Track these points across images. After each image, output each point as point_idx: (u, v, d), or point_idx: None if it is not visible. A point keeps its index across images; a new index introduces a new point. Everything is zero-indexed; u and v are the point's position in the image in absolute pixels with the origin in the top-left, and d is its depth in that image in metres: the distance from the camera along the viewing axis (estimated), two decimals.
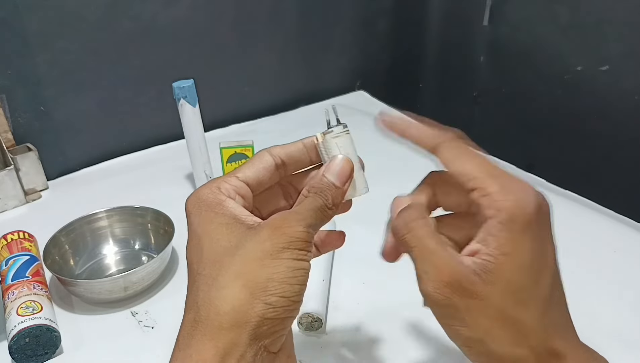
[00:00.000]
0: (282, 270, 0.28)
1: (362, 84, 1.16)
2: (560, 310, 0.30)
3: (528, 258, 0.28)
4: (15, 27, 0.74)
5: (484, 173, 0.30)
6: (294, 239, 0.29)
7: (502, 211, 0.28)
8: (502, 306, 0.28)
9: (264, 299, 0.28)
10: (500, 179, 0.29)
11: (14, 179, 0.75)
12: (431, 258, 0.29)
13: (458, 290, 0.28)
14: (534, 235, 0.28)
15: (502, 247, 0.28)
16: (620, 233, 0.64)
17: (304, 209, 0.31)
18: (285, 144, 0.36)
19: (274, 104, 1.04)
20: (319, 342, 0.49)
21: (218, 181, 0.33)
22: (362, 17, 1.10)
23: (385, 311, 0.52)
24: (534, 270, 0.28)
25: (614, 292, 0.54)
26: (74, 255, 0.62)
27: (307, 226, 0.30)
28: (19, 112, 0.79)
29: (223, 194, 0.32)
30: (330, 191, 0.33)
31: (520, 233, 0.28)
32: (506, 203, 0.28)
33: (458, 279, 0.28)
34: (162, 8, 0.85)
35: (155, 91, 0.88)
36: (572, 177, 0.76)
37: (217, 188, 0.32)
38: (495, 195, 0.28)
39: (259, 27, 0.97)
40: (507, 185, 0.29)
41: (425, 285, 0.29)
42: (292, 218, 0.30)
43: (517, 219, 0.28)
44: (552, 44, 0.86)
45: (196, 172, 0.74)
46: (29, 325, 0.48)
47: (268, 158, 0.35)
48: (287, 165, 0.36)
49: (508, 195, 0.28)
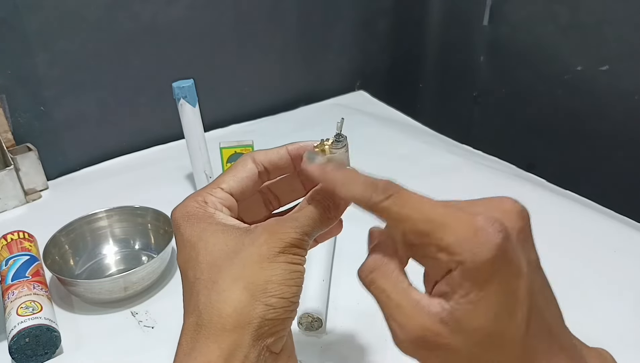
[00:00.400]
0: (279, 272, 0.29)
1: (362, 84, 1.16)
2: (543, 333, 0.29)
3: (495, 303, 0.26)
4: (15, 27, 0.74)
5: (431, 225, 0.27)
6: (288, 244, 0.30)
7: (462, 264, 0.26)
8: (473, 353, 0.27)
9: (264, 300, 0.28)
10: (451, 226, 0.27)
11: (14, 179, 0.75)
12: (396, 314, 0.28)
13: (424, 345, 0.27)
14: (500, 278, 0.26)
15: (468, 296, 0.26)
16: (620, 233, 0.64)
17: (303, 217, 0.31)
18: (268, 150, 0.36)
19: (274, 104, 1.04)
20: (319, 342, 0.49)
21: (203, 193, 0.33)
22: (362, 17, 1.10)
23: None
24: (504, 313, 0.27)
25: (614, 292, 0.54)
26: (74, 255, 0.62)
27: (302, 234, 0.30)
28: (19, 112, 0.79)
29: (210, 208, 0.32)
30: (333, 201, 0.33)
31: (485, 281, 0.26)
32: (464, 256, 0.26)
33: (423, 335, 0.27)
34: (162, 8, 0.85)
35: (155, 91, 0.88)
36: (572, 177, 0.76)
37: (203, 201, 0.32)
38: (450, 249, 0.26)
39: (259, 27, 0.97)
40: (459, 232, 0.26)
41: (395, 342, 0.29)
42: (289, 225, 0.30)
43: (478, 270, 0.26)
44: (552, 44, 0.86)
45: (196, 172, 0.74)
46: (29, 325, 0.48)
47: (251, 166, 0.35)
48: (270, 172, 0.36)
49: (463, 246, 0.26)
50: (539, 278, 0.29)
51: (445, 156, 0.84)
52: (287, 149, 0.36)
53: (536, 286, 0.28)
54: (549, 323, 0.29)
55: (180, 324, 0.30)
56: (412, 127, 0.98)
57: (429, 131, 0.96)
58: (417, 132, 0.95)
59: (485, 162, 0.83)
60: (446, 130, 0.95)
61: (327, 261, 0.58)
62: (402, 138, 0.90)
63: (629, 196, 0.77)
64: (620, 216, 0.67)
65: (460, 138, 0.91)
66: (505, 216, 0.27)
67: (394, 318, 0.28)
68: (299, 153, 0.36)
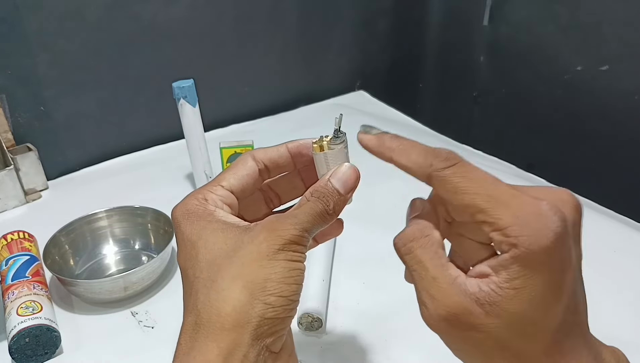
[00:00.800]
0: (278, 270, 0.28)
1: (362, 84, 1.16)
2: (574, 327, 0.28)
3: (540, 292, 0.26)
4: (15, 27, 0.74)
5: (492, 203, 0.26)
6: (288, 241, 0.29)
7: (516, 248, 0.25)
8: (502, 337, 0.27)
9: (263, 299, 0.28)
10: (512, 206, 0.26)
11: (14, 179, 0.75)
12: (430, 287, 0.28)
13: (455, 324, 0.27)
14: (551, 268, 0.26)
15: (513, 281, 0.26)
16: (620, 233, 0.64)
17: (302, 213, 0.31)
18: (268, 148, 0.36)
19: (274, 104, 1.04)
20: (319, 342, 0.49)
21: (203, 191, 0.33)
22: (362, 17, 1.10)
23: (385, 311, 0.52)
24: (545, 303, 0.26)
25: (614, 292, 0.54)
26: (74, 255, 0.62)
27: (302, 230, 0.30)
28: (19, 112, 0.79)
29: (211, 205, 0.32)
30: (333, 198, 0.32)
31: (535, 269, 0.25)
32: (520, 239, 0.25)
33: (455, 313, 0.27)
34: (162, 8, 0.85)
35: (155, 91, 0.88)
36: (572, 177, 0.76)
37: (203, 199, 0.32)
38: (507, 231, 0.26)
39: (259, 27, 0.97)
40: (521, 215, 0.26)
41: (424, 315, 0.29)
42: (288, 222, 0.30)
43: (533, 256, 0.25)
44: (552, 44, 0.86)
45: (196, 172, 0.74)
46: (29, 325, 0.48)
47: (252, 164, 0.35)
48: (270, 170, 0.36)
49: (522, 230, 0.25)
50: (580, 274, 0.29)
51: None
52: (287, 146, 0.36)
53: (578, 282, 0.29)
54: (580, 319, 0.29)
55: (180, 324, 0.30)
56: (412, 127, 0.98)
57: (429, 131, 0.96)
58: (417, 132, 0.95)
59: (485, 162, 0.83)
60: (446, 130, 0.95)
61: (327, 261, 0.58)
62: None
63: (629, 196, 0.77)
64: (620, 216, 0.67)
65: (460, 138, 0.91)
66: (565, 206, 0.27)
67: (428, 291, 0.28)
68: (299, 151, 0.36)
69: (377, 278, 0.57)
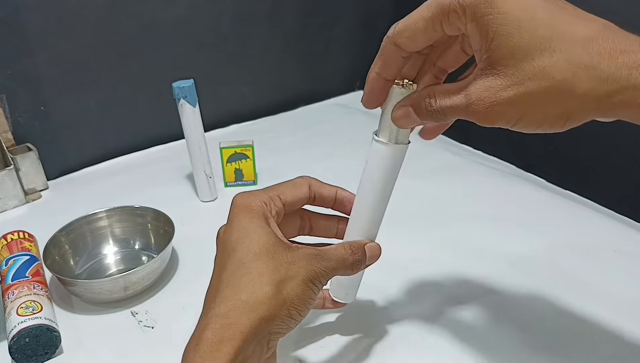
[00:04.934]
0: (306, 294, 0.35)
1: (362, 84, 1.15)
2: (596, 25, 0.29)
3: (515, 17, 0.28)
4: (15, 27, 0.74)
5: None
6: (317, 276, 0.36)
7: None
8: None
9: (289, 308, 0.34)
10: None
11: (14, 179, 0.75)
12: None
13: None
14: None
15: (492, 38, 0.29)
16: (620, 233, 0.64)
17: (334, 259, 0.37)
18: (323, 183, 0.42)
19: (274, 104, 1.05)
20: (319, 342, 0.49)
21: (266, 196, 0.39)
22: (362, 17, 1.10)
23: (385, 311, 0.52)
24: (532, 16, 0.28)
25: (614, 292, 0.54)
26: (74, 255, 0.62)
27: (329, 272, 0.37)
28: (19, 112, 0.79)
29: (267, 211, 0.38)
30: (360, 261, 0.39)
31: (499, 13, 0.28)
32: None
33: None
34: (162, 8, 0.85)
35: (155, 91, 0.89)
36: (572, 177, 0.76)
37: (264, 203, 0.38)
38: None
39: (259, 28, 0.97)
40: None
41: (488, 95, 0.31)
42: (323, 263, 0.36)
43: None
44: None
45: (196, 172, 0.74)
46: (29, 325, 0.48)
47: (306, 190, 0.41)
48: (315, 200, 0.42)
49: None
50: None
51: (445, 156, 0.84)
52: (337, 191, 0.43)
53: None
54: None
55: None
56: None
57: None
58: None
59: (485, 162, 0.83)
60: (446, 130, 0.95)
61: None
62: None
63: (629, 196, 0.77)
64: (620, 216, 0.67)
65: (460, 138, 0.91)
66: None
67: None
68: (342, 201, 0.43)
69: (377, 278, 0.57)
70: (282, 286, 0.34)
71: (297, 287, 0.34)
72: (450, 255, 0.60)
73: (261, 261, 0.34)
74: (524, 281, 0.56)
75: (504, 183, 0.76)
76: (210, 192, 0.75)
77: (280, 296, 0.34)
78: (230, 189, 0.78)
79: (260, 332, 0.33)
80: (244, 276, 0.34)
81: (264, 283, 0.33)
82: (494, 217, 0.67)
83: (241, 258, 0.35)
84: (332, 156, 0.84)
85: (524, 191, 0.73)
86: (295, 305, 0.34)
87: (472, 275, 0.57)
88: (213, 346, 0.31)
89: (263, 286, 0.33)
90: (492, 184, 0.75)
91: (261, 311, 0.33)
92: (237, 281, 0.34)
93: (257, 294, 0.33)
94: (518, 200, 0.71)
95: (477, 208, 0.69)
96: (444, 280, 0.56)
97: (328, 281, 0.37)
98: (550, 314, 0.51)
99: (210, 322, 0.32)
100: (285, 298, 0.34)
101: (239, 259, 0.35)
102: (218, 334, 0.32)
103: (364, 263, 0.40)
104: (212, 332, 0.32)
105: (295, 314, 0.35)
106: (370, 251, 0.41)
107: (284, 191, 0.40)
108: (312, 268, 0.35)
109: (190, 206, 0.75)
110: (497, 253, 0.60)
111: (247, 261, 0.35)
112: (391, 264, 0.58)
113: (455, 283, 0.56)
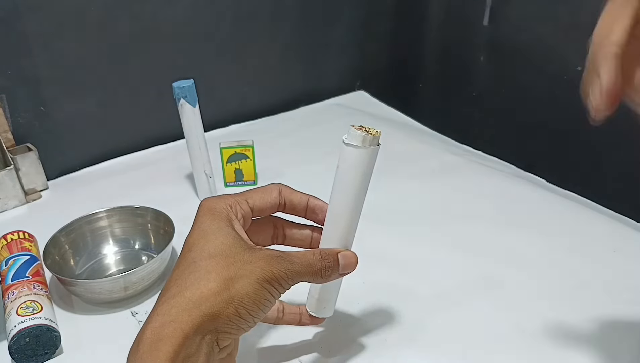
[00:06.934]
0: (259, 294, 0.34)
1: (362, 84, 1.16)
2: None
3: None
4: (15, 27, 0.74)
5: None
6: (275, 278, 0.35)
7: None
8: None
9: (236, 307, 0.33)
10: None
11: (14, 179, 0.75)
12: None
13: None
14: None
15: None
16: (620, 233, 0.64)
17: (299, 263, 0.36)
18: (294, 190, 0.42)
19: (274, 104, 1.04)
20: (319, 342, 0.49)
21: (231, 200, 0.39)
22: (362, 17, 1.10)
23: (385, 311, 0.52)
24: None
25: (614, 292, 0.54)
26: (74, 255, 0.62)
27: (290, 278, 0.35)
28: (19, 112, 0.79)
29: (233, 214, 0.38)
30: (331, 268, 0.38)
31: None
32: None
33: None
34: (162, 8, 0.85)
35: (155, 91, 0.89)
36: (572, 177, 0.76)
37: (229, 206, 0.38)
38: None
39: (259, 27, 0.97)
40: None
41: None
42: (285, 265, 0.35)
43: None
44: (552, 44, 0.86)
45: (196, 172, 0.74)
46: (29, 325, 0.48)
47: (276, 196, 0.41)
48: (286, 208, 0.42)
49: None
50: None
51: (445, 156, 0.84)
52: (309, 199, 0.42)
53: None
54: None
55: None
56: (412, 127, 0.98)
57: (429, 131, 0.96)
58: (417, 133, 0.95)
59: (485, 162, 0.83)
60: (446, 130, 0.95)
61: None
62: (402, 138, 0.90)
63: (629, 196, 0.77)
64: (620, 216, 0.67)
65: (460, 138, 0.91)
66: None
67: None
68: (315, 209, 0.42)
69: (377, 278, 0.57)
70: (230, 283, 0.33)
71: (248, 286, 0.33)
72: (450, 254, 0.60)
73: (213, 260, 0.34)
74: (524, 281, 0.56)
75: (504, 183, 0.75)
76: (210, 192, 0.75)
77: (226, 293, 0.33)
78: (231, 190, 0.78)
79: (204, 329, 0.32)
80: (191, 273, 0.34)
81: (210, 280, 0.33)
82: (494, 217, 0.67)
83: (194, 258, 0.35)
84: (332, 156, 0.84)
85: (524, 191, 0.73)
86: (244, 304, 0.33)
87: (472, 275, 0.57)
88: (152, 345, 0.31)
89: (209, 283, 0.33)
90: (492, 184, 0.75)
91: (204, 307, 0.32)
92: (185, 278, 0.34)
93: (202, 290, 0.33)
94: (518, 200, 0.71)
95: (477, 208, 0.69)
96: (444, 280, 0.56)
97: (295, 290, 0.37)
98: (550, 314, 0.51)
99: (151, 321, 0.32)
100: (232, 295, 0.33)
101: (192, 258, 0.35)
102: (157, 333, 0.31)
103: (335, 271, 0.39)
104: (152, 330, 0.31)
105: (245, 314, 0.34)
106: (345, 260, 0.39)
107: (252, 196, 0.40)
108: (269, 268, 0.34)
109: (190, 206, 0.74)
110: (497, 253, 0.60)
111: (198, 260, 0.34)
112: (391, 264, 0.58)
113: (455, 283, 0.56)
